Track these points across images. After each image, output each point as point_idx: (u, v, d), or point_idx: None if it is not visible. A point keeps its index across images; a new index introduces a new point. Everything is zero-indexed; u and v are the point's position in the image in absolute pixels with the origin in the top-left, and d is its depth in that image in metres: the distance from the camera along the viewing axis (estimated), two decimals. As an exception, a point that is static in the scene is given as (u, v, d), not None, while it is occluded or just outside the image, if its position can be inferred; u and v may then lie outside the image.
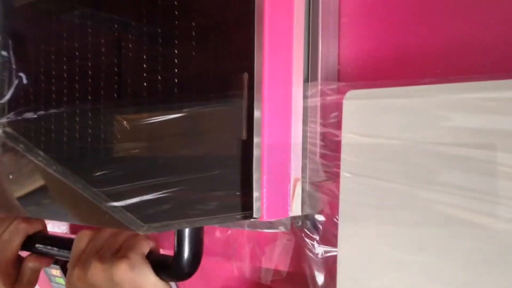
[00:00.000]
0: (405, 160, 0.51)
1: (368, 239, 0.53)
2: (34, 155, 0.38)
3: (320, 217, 0.60)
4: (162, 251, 0.65)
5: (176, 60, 0.65)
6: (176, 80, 0.65)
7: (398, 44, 0.58)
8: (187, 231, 0.57)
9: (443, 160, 0.49)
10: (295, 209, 0.59)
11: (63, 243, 0.72)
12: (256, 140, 0.54)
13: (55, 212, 0.52)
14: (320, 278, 0.59)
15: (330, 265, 0.59)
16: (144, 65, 0.69)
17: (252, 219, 0.55)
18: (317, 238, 0.60)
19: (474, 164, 0.48)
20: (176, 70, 0.65)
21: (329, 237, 0.59)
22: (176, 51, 0.65)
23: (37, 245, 0.75)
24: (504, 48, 0.51)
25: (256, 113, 0.55)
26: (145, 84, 0.68)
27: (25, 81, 0.65)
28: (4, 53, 0.70)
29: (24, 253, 0.78)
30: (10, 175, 0.60)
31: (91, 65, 0.70)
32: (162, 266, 0.61)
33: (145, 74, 0.68)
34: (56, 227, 0.98)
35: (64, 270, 0.98)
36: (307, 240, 0.60)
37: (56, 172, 0.39)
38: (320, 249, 0.60)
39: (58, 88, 0.68)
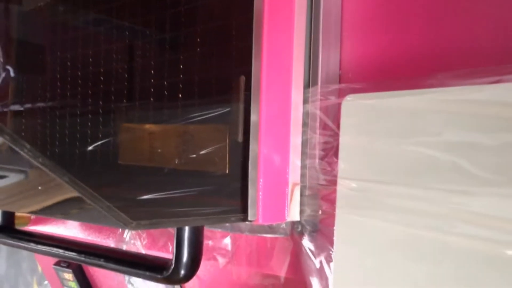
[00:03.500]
0: (403, 162, 0.50)
1: (363, 247, 0.52)
2: (20, 147, 0.39)
3: (319, 223, 0.60)
4: (160, 254, 0.65)
5: (181, 66, 0.66)
6: (180, 86, 0.65)
7: (401, 48, 0.57)
8: (186, 234, 0.57)
9: (441, 162, 0.48)
10: (293, 214, 0.58)
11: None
12: (252, 142, 0.54)
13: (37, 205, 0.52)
14: (316, 285, 0.58)
15: (327, 272, 0.58)
16: (152, 71, 0.70)
17: (247, 222, 0.54)
18: (316, 244, 0.59)
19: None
20: (181, 76, 0.66)
21: (328, 243, 0.58)
22: (181, 57, 0.66)
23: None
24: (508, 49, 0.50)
25: (253, 116, 0.55)
26: (152, 89, 0.69)
27: (12, 74, 0.67)
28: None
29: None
30: None
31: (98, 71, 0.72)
32: (160, 269, 0.61)
33: (152, 80, 0.69)
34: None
35: (75, 274, 1.00)
36: (305, 246, 0.59)
37: (42, 164, 0.39)
38: (318, 256, 0.59)
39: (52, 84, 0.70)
